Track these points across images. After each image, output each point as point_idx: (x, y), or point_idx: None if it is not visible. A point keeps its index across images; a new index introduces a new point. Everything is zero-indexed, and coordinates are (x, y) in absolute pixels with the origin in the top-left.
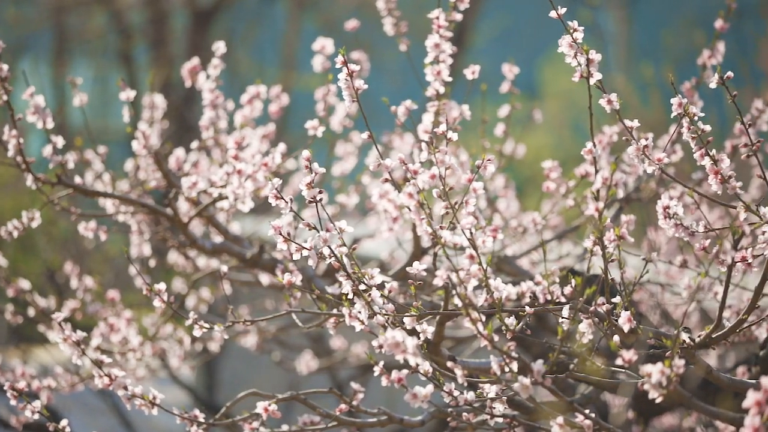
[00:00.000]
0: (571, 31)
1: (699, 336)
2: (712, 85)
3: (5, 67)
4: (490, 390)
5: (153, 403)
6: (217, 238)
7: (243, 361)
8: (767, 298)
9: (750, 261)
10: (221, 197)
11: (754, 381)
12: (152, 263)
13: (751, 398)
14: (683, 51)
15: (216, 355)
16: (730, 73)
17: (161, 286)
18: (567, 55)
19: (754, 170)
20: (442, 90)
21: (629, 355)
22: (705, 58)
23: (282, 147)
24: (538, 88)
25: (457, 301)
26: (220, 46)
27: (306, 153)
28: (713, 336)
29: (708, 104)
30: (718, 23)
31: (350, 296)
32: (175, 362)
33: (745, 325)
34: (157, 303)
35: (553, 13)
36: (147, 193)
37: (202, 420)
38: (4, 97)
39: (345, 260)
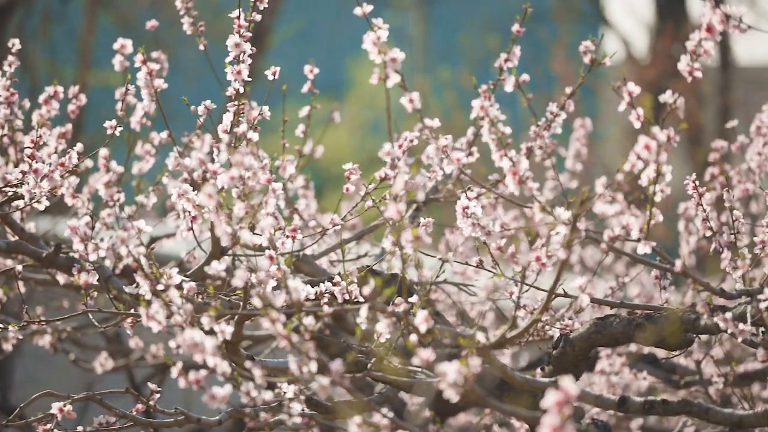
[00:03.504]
0: (375, 29)
1: (494, 335)
2: (508, 88)
3: None
4: (289, 390)
5: None
6: (12, 237)
7: (37, 361)
8: (560, 298)
9: (544, 261)
10: (16, 196)
11: (547, 380)
12: None
13: (551, 398)
14: (479, 54)
15: (9, 355)
16: (525, 77)
17: None
18: (371, 53)
19: (548, 172)
20: (242, 90)
21: (427, 354)
22: (501, 62)
23: (79, 146)
24: (342, 89)
25: (256, 301)
26: (15, 43)
27: (104, 151)
28: (508, 335)
29: (503, 107)
30: (515, 27)
31: (148, 296)
32: None
33: (539, 324)
34: None
35: (358, 11)
36: None
37: None
38: None
39: (143, 260)
